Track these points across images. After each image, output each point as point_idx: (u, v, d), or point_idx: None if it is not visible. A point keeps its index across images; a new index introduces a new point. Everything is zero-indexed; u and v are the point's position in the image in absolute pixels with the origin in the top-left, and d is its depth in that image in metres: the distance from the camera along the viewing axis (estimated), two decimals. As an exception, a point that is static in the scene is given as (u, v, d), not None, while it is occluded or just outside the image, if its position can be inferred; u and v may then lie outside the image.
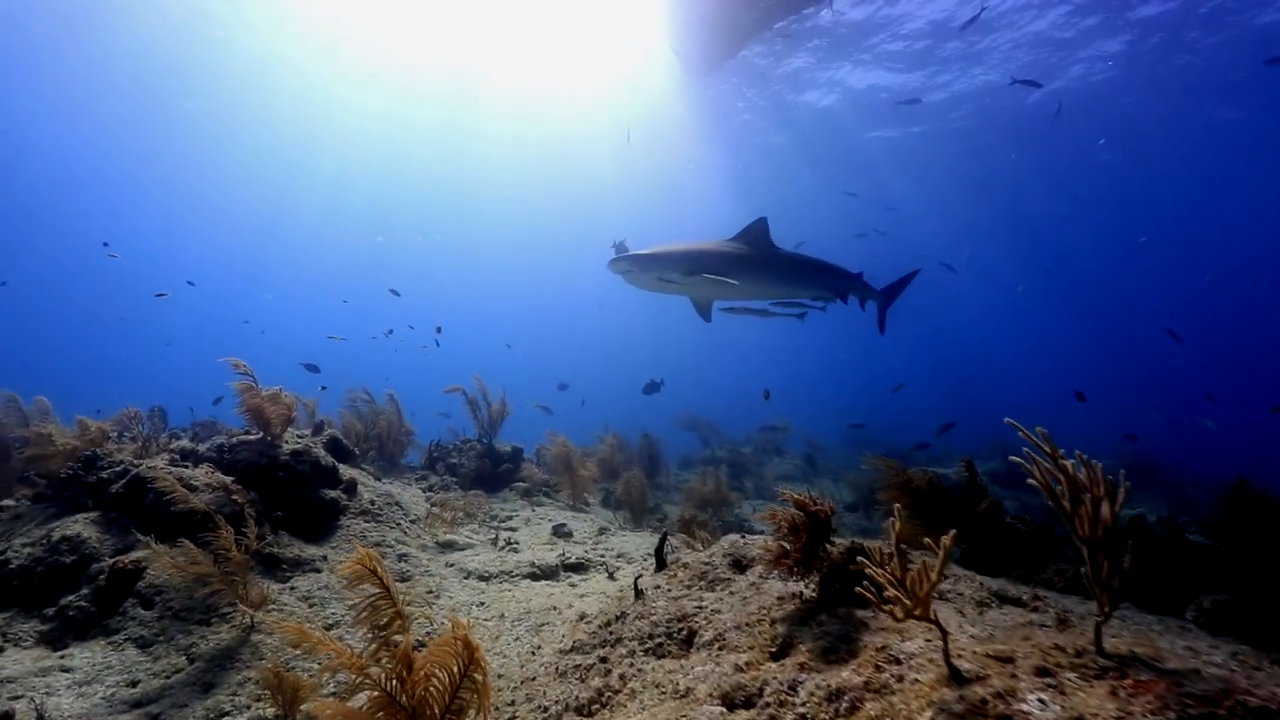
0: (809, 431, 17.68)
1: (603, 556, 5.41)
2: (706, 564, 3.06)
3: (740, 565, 3.01)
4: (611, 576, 4.77)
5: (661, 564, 3.37)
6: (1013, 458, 1.67)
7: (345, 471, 5.68)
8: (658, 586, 3.06)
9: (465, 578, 4.91)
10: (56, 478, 5.54)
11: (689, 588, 2.92)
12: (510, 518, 7.20)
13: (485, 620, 4.19)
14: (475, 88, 29.57)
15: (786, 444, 17.33)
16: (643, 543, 6.00)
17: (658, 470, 11.46)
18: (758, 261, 7.89)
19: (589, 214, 45.69)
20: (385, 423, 8.37)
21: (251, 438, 5.40)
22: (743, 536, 3.24)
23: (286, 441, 5.41)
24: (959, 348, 75.63)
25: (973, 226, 41.04)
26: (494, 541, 5.88)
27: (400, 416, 8.38)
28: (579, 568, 5.17)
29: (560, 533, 6.15)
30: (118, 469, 5.13)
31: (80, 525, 4.63)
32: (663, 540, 3.57)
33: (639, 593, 3.06)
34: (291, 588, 4.34)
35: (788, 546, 2.46)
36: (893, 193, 33.75)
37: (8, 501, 5.44)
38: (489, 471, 8.34)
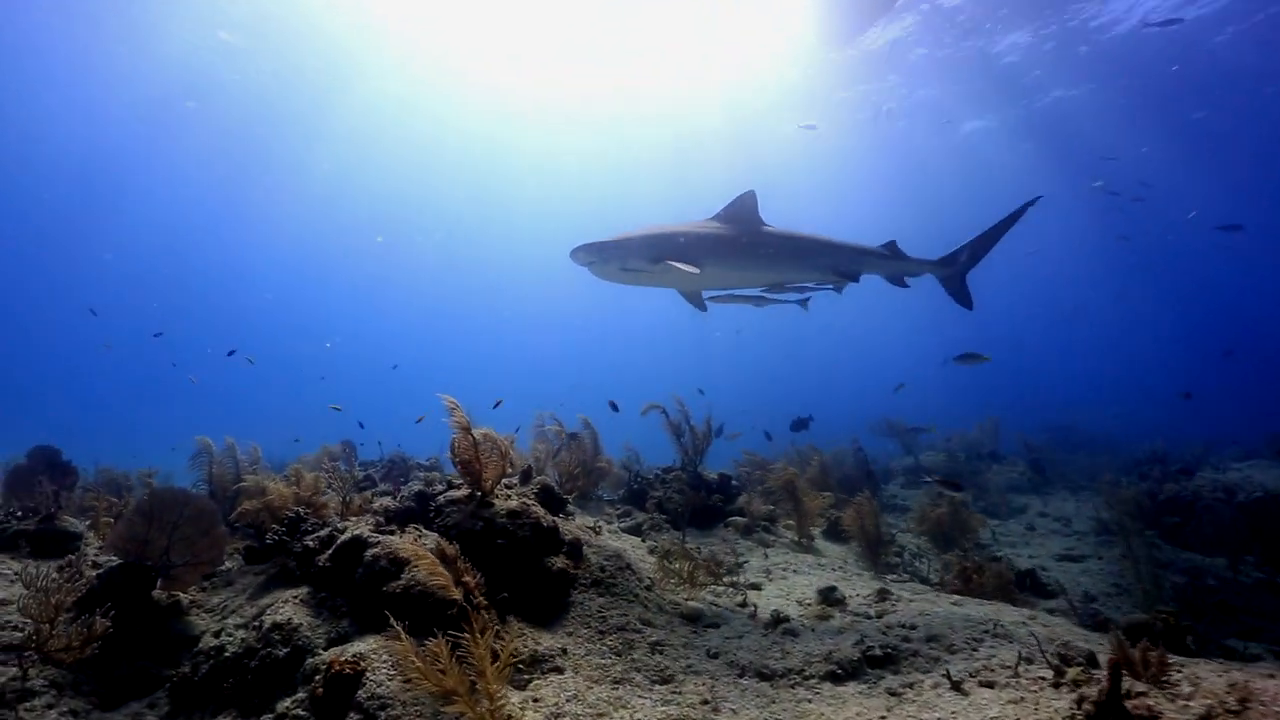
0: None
1: (909, 640, 3.99)
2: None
3: None
4: (959, 688, 3.35)
5: None
6: None
7: (565, 528, 4.71)
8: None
9: (740, 676, 3.70)
10: (266, 535, 5.07)
11: None
12: (741, 565, 5.97)
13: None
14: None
15: (1000, 446, 14.88)
16: (943, 614, 4.51)
17: (876, 489, 9.79)
18: (743, 243, 6.87)
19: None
20: (578, 453, 7.49)
21: (459, 494, 4.56)
22: None
23: (498, 497, 4.52)
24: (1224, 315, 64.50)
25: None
26: (745, 608, 4.66)
27: (596, 444, 7.45)
28: (887, 661, 3.79)
29: (831, 599, 4.81)
30: (322, 535, 4.48)
31: (290, 608, 3.96)
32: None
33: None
34: (535, 699, 3.34)
35: None
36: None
37: (226, 565, 5.02)
38: (700, 504, 7.18)
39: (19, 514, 5.19)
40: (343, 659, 3.46)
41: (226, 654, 3.89)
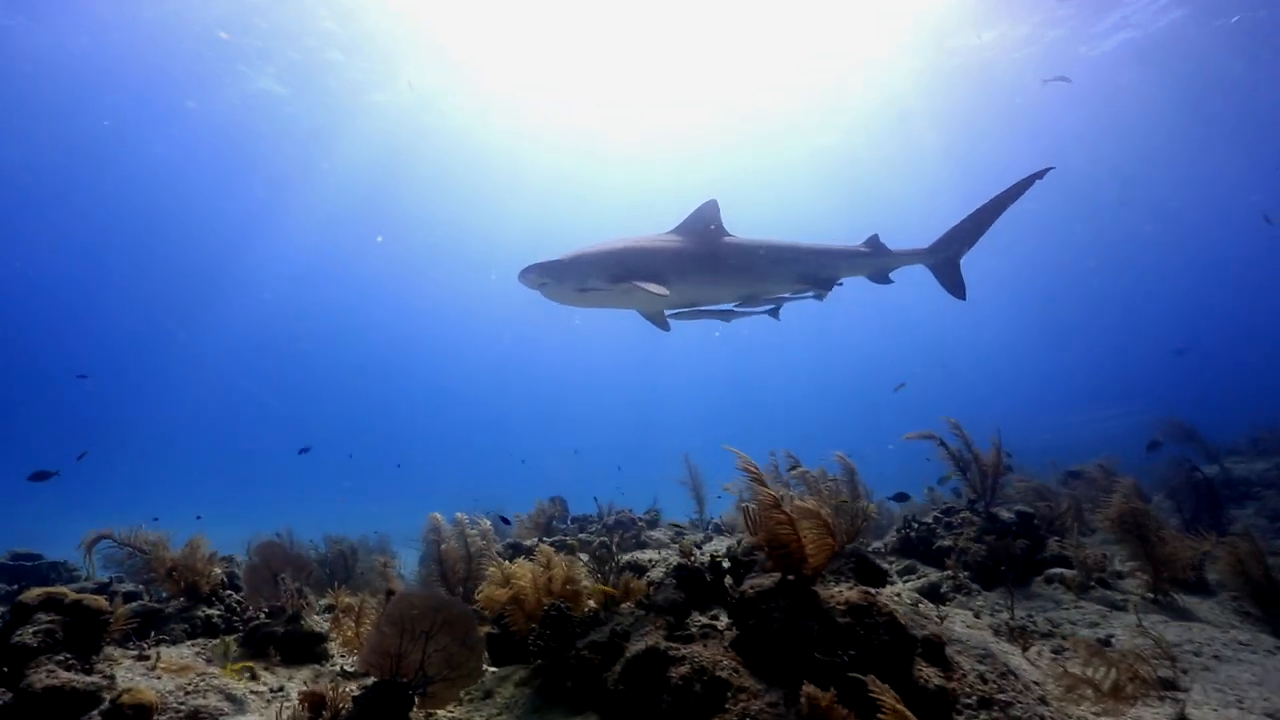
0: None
1: None
2: None
3: None
4: None
5: None
6: None
7: (924, 619, 3.42)
8: None
9: None
10: (513, 631, 4.28)
11: None
12: (1107, 640, 4.35)
13: None
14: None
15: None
16: None
17: (1220, 516, 7.52)
18: (707, 256, 6.44)
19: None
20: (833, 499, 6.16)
21: (767, 583, 3.43)
22: None
23: (825, 583, 3.35)
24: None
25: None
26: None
27: (855, 485, 6.10)
28: None
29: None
30: (599, 640, 3.54)
31: (585, 752, 3.01)
32: None
33: None
34: None
35: None
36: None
37: (491, 671, 4.27)
38: (1005, 553, 5.58)
39: (266, 614, 4.81)
40: None
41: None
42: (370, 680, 3.75)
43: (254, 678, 4.08)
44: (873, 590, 3.27)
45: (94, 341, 57.60)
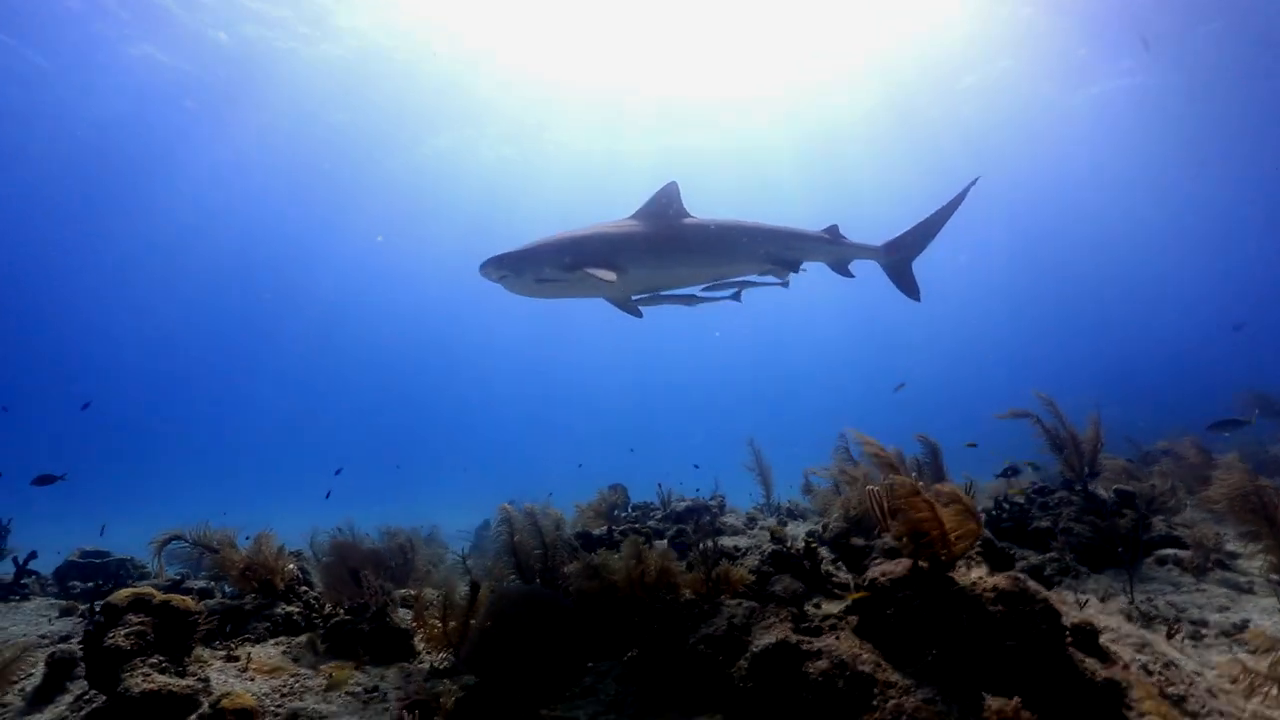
0: None
1: None
2: None
3: None
4: None
5: None
6: None
7: (1063, 605, 3.15)
8: None
9: None
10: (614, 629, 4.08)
11: None
12: (1243, 625, 4.03)
13: None
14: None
15: None
16: None
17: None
18: (667, 239, 6.38)
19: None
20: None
21: (898, 570, 3.18)
22: None
23: (957, 571, 3.09)
24: None
25: None
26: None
27: (940, 467, 5.81)
28: None
29: None
30: (714, 634, 3.33)
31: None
32: None
33: None
34: None
35: None
36: None
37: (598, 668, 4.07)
38: (1110, 534, 5.26)
39: (345, 611, 4.68)
40: None
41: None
42: (469, 679, 3.59)
43: (347, 679, 3.94)
44: (1020, 575, 3.01)
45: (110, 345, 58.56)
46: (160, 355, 60.69)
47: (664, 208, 6.56)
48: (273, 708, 3.55)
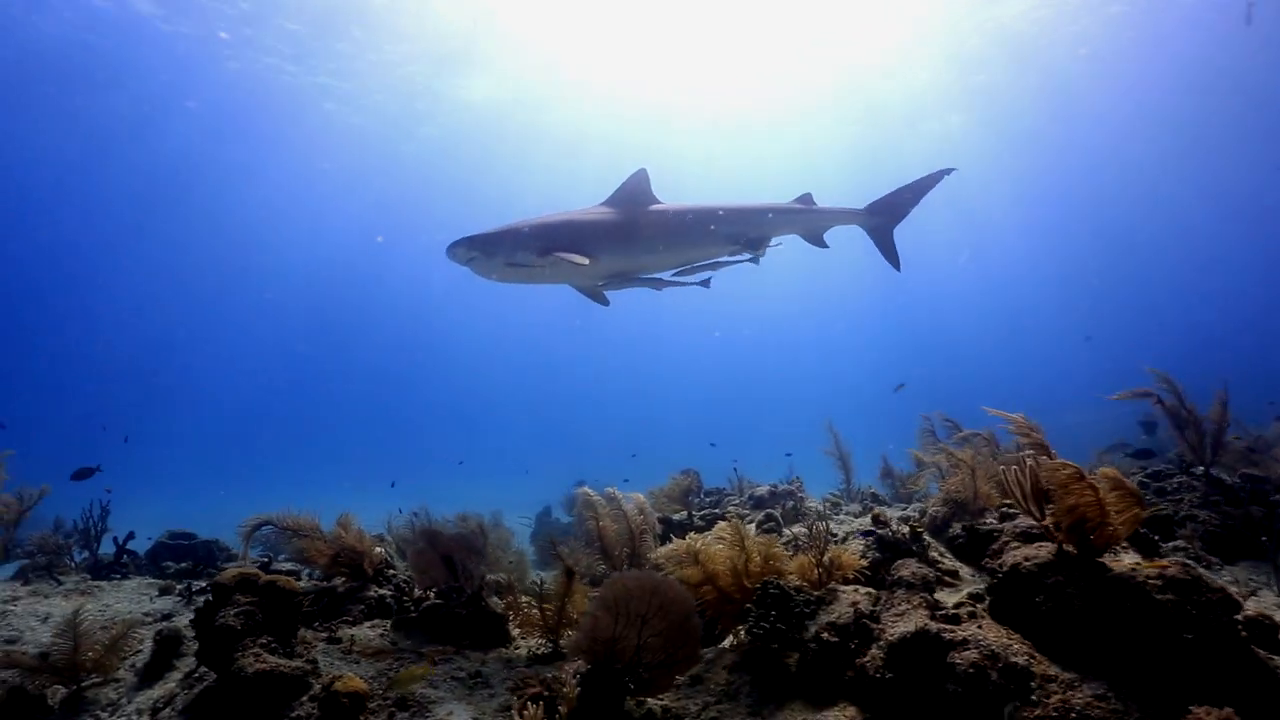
0: None
1: None
2: None
3: None
4: None
5: None
6: None
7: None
8: None
9: None
10: (714, 616, 3.94)
11: None
12: None
13: None
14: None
15: None
16: None
17: None
18: (635, 225, 6.46)
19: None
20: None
21: (1042, 554, 2.94)
22: None
23: (1115, 554, 2.84)
24: None
25: None
26: None
27: (1051, 453, 5.46)
28: None
29: None
30: (838, 621, 3.15)
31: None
32: None
33: None
34: None
35: None
36: None
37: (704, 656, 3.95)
38: (1241, 521, 4.87)
39: (435, 595, 4.67)
40: None
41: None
42: (581, 666, 3.50)
43: (448, 663, 3.91)
44: (1186, 562, 2.75)
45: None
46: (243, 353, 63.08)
47: (634, 195, 6.66)
48: (380, 691, 3.52)
